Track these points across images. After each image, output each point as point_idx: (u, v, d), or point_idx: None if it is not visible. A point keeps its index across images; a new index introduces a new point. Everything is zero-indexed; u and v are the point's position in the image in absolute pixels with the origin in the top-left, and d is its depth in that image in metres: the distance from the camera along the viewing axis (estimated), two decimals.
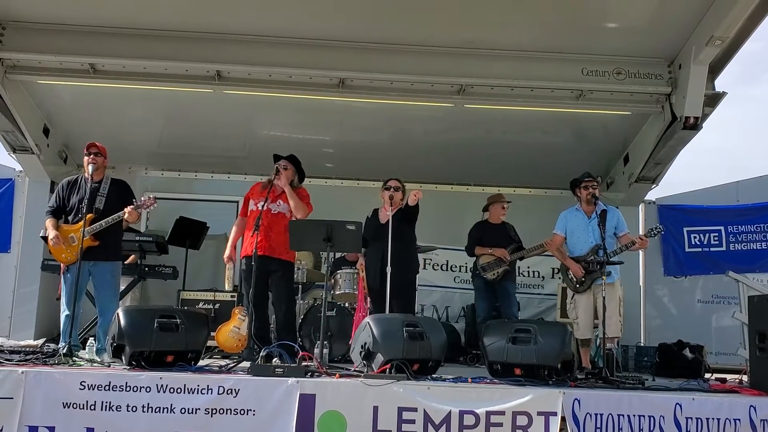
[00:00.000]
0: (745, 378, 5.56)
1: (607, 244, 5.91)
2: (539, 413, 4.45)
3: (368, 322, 4.97)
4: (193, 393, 4.38)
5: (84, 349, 5.45)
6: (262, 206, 5.89)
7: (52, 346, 6.08)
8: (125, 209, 5.66)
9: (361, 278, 6.40)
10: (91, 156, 5.75)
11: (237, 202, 6.35)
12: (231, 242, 6.16)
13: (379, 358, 4.75)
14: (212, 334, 5.72)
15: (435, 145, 8.49)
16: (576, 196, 6.49)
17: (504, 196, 7.48)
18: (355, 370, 4.97)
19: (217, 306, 7.15)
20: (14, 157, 8.10)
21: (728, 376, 6.04)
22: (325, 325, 5.48)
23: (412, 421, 4.40)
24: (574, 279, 6.30)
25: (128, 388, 4.37)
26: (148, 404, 4.34)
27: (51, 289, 7.39)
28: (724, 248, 8.65)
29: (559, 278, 7.40)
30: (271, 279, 6.01)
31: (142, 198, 5.82)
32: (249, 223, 5.94)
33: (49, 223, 5.74)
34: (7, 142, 7.79)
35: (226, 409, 4.36)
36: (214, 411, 4.35)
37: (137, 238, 7.41)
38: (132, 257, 7.60)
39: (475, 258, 7.33)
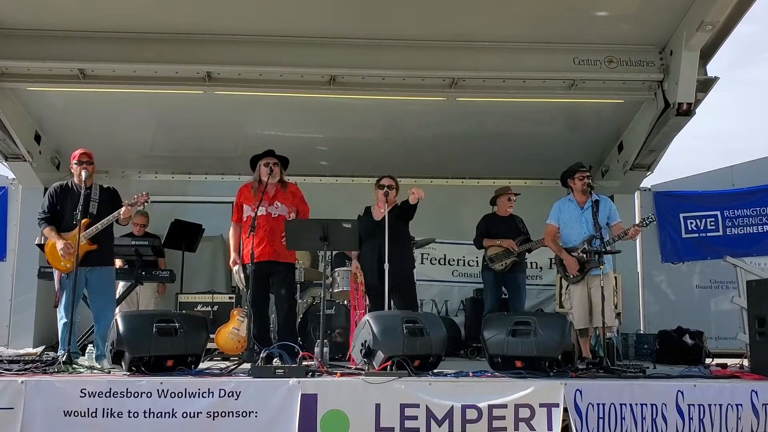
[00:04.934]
0: (745, 362, 5.58)
1: (600, 235, 5.90)
2: (541, 405, 4.46)
3: (368, 320, 4.97)
4: (194, 397, 4.36)
5: (83, 356, 5.43)
6: (258, 210, 5.84)
7: (51, 354, 6.06)
8: (121, 208, 5.65)
9: (353, 278, 6.39)
10: (83, 164, 5.72)
11: (232, 203, 6.30)
12: (233, 248, 6.10)
13: (380, 355, 4.75)
14: (211, 336, 5.71)
15: (429, 140, 8.47)
16: (568, 188, 6.48)
17: (511, 188, 7.46)
18: (356, 369, 4.97)
19: (215, 308, 7.13)
20: (6, 165, 8.07)
21: (729, 361, 6.05)
22: (324, 323, 5.46)
23: (415, 418, 4.40)
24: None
25: (129, 394, 4.34)
26: (150, 410, 4.32)
27: (48, 297, 7.35)
28: (720, 233, 8.66)
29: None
30: (272, 280, 5.99)
31: (135, 196, 5.79)
32: (246, 228, 5.89)
33: (51, 232, 5.67)
34: None
35: (228, 412, 4.34)
36: (216, 414, 4.34)
37: (133, 242, 7.38)
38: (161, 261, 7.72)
39: (483, 251, 7.31)
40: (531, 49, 7.22)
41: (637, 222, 6.60)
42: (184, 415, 4.32)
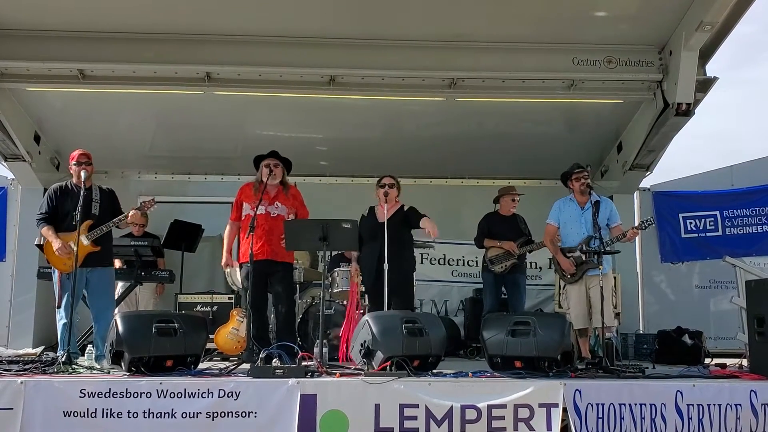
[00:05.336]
0: (744, 362, 5.58)
1: (600, 235, 5.90)
2: (540, 405, 4.46)
3: (367, 320, 4.97)
4: (193, 397, 4.37)
5: (83, 356, 5.44)
6: (258, 209, 5.85)
7: (51, 354, 6.06)
8: (129, 210, 5.70)
9: (352, 279, 6.39)
10: (82, 165, 5.72)
11: (231, 203, 6.30)
12: (227, 248, 6.09)
13: (379, 355, 4.75)
14: (211, 336, 5.70)
15: (428, 140, 8.47)
16: (568, 188, 6.49)
17: (515, 188, 7.46)
18: (355, 369, 4.98)
19: (214, 308, 7.13)
20: (6, 165, 8.07)
21: (728, 361, 6.05)
22: (323, 323, 5.46)
23: (414, 418, 4.40)
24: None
25: (129, 395, 4.35)
26: (149, 410, 4.32)
27: (48, 297, 7.36)
28: (720, 233, 8.66)
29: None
30: (270, 280, 5.98)
31: (142, 201, 5.84)
32: (245, 227, 5.88)
33: (49, 231, 5.66)
34: None
35: (228, 413, 4.35)
36: (215, 414, 4.35)
37: (132, 243, 7.37)
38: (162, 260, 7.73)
39: (483, 251, 7.31)
40: (530, 50, 7.23)
41: (636, 224, 6.61)
42: (184, 415, 4.33)
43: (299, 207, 6.15)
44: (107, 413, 4.30)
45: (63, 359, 5.02)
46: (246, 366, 4.94)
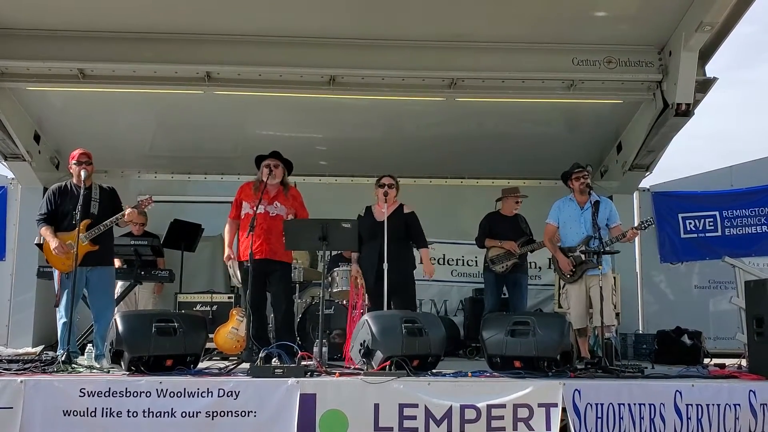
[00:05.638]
0: (743, 362, 5.59)
1: (599, 235, 5.91)
2: (540, 405, 4.48)
3: (366, 320, 4.98)
4: (193, 396, 4.39)
5: (83, 355, 5.44)
6: (257, 209, 5.86)
7: (51, 353, 6.06)
8: (126, 209, 5.70)
9: (353, 281, 6.39)
10: (83, 165, 5.73)
11: (231, 202, 6.30)
12: (228, 244, 6.10)
13: (379, 355, 4.76)
14: (210, 336, 5.71)
15: (428, 140, 8.47)
16: (569, 188, 6.50)
17: (519, 189, 7.45)
18: (354, 368, 4.99)
19: (214, 308, 7.13)
20: (6, 164, 8.07)
21: (727, 361, 6.06)
22: (323, 323, 5.47)
23: (414, 417, 4.41)
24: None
25: (128, 394, 4.36)
26: (149, 409, 4.34)
27: (47, 297, 7.36)
28: (719, 233, 8.66)
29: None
30: (269, 279, 5.99)
31: (139, 198, 5.84)
32: (244, 226, 5.90)
33: (47, 231, 5.68)
34: None
35: (227, 412, 4.36)
36: (215, 414, 4.36)
37: (132, 242, 7.38)
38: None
39: (483, 251, 7.31)
40: (530, 50, 7.23)
41: (635, 225, 6.62)
42: (183, 414, 4.34)
43: (299, 208, 6.16)
44: (107, 412, 4.32)
45: (63, 358, 5.03)
46: (245, 365, 4.95)
